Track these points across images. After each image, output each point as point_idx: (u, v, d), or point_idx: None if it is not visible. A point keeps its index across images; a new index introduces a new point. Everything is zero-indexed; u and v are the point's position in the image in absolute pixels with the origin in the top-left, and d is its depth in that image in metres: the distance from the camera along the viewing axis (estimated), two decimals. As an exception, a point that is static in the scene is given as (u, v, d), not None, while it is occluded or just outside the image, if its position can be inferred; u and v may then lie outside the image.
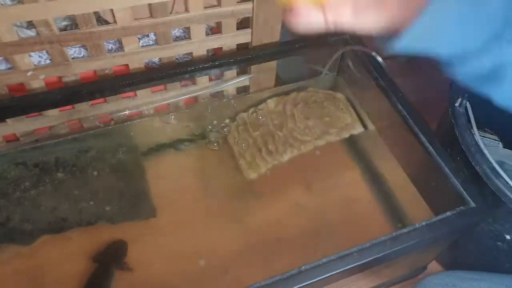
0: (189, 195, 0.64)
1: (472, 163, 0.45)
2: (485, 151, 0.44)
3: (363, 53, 0.64)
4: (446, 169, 0.49)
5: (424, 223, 0.45)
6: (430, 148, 0.52)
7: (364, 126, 0.70)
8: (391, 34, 0.29)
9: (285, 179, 0.66)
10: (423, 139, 0.53)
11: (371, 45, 0.65)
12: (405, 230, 0.44)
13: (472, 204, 0.46)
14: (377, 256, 0.44)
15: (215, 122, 0.69)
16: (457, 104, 0.48)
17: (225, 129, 0.69)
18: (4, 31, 0.47)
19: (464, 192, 0.46)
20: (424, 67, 0.92)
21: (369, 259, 0.43)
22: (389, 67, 0.64)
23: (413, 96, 0.81)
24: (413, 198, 0.61)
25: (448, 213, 0.45)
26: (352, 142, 0.69)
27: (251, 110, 0.71)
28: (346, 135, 0.69)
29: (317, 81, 0.74)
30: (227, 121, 0.69)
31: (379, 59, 0.63)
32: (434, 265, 0.68)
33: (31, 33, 0.50)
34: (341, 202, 0.64)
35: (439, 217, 0.45)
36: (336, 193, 0.65)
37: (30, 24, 0.50)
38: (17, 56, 0.51)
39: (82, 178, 0.61)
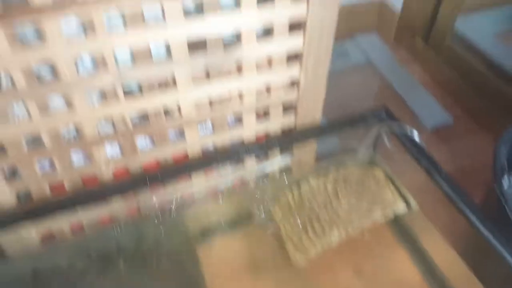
0: (240, 281, 0.64)
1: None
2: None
3: (399, 129, 0.69)
4: (501, 249, 0.50)
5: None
6: (480, 226, 0.53)
7: (406, 202, 0.72)
8: None
9: (333, 262, 0.66)
10: (471, 216, 0.54)
11: (406, 121, 0.70)
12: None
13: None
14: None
15: (261, 203, 0.72)
16: (505, 186, 0.51)
17: (270, 211, 0.71)
18: (89, 128, 0.54)
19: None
20: (455, 137, 0.96)
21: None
22: (422, 138, 0.68)
23: (449, 166, 0.85)
24: (466, 278, 0.60)
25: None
26: (396, 221, 0.70)
27: (294, 189, 0.74)
28: (390, 213, 0.70)
29: (355, 157, 0.78)
30: (272, 201, 0.72)
31: (416, 137, 0.68)
32: None
33: (109, 128, 0.57)
34: (392, 285, 0.63)
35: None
36: (386, 276, 0.64)
37: (108, 120, 0.56)
38: (95, 150, 0.57)
39: (142, 265, 0.63)
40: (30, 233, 0.61)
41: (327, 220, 0.69)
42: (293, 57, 0.60)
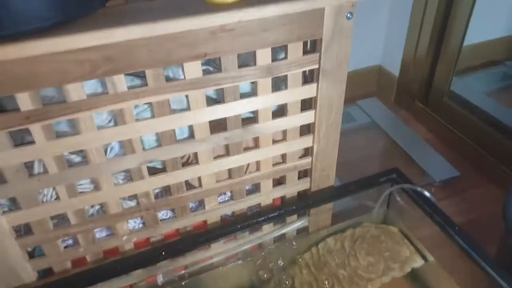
0: None
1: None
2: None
3: (410, 189, 0.71)
4: None
5: None
6: (497, 278, 0.54)
7: (424, 257, 0.73)
8: None
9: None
10: (490, 271, 0.55)
11: (415, 176, 0.72)
12: None
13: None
14: None
15: (280, 265, 0.73)
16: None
17: (290, 272, 0.72)
18: (113, 204, 0.55)
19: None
20: (463, 189, 0.98)
21: None
22: (432, 193, 0.70)
23: (460, 218, 0.86)
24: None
25: None
26: (414, 275, 0.71)
27: (312, 250, 0.75)
28: (408, 268, 0.71)
29: (370, 216, 0.79)
30: (291, 263, 0.73)
31: (427, 193, 0.69)
32: None
33: (132, 203, 0.58)
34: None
35: None
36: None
37: (132, 196, 0.58)
38: (118, 224, 0.58)
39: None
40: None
41: (347, 279, 0.70)
42: (306, 128, 0.62)
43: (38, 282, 0.59)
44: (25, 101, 0.43)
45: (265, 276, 0.72)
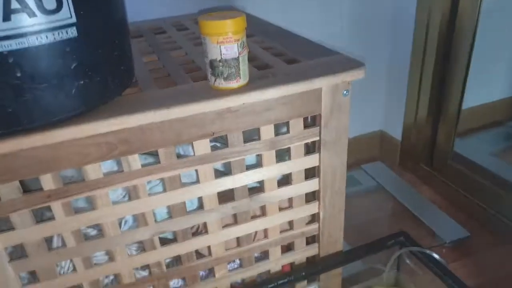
0: None
1: None
2: None
3: (419, 251, 0.71)
4: None
5: None
6: None
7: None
8: None
9: None
10: None
11: (424, 238, 0.73)
12: None
13: None
14: None
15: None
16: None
17: None
18: (126, 274, 0.57)
19: None
20: (474, 250, 0.97)
21: None
22: (443, 254, 0.70)
23: (472, 280, 0.85)
24: None
25: None
26: None
27: (324, 316, 0.74)
28: (422, 333, 0.70)
29: (381, 279, 0.79)
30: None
31: (435, 255, 0.70)
32: None
33: (145, 273, 0.60)
34: None
35: None
36: None
37: (144, 266, 0.60)
38: (130, 295, 0.60)
39: None
40: None
41: None
42: (311, 195, 0.65)
43: None
44: (47, 181, 0.47)
45: None
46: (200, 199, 0.57)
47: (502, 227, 0.99)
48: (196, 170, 0.53)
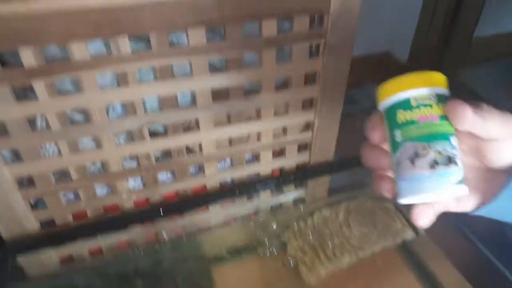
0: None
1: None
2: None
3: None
4: (507, 274, 0.52)
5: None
6: (484, 249, 0.55)
7: (415, 231, 0.74)
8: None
9: (344, 284, 0.69)
10: (478, 243, 0.56)
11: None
12: None
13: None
14: None
15: (275, 231, 0.75)
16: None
17: (284, 238, 0.74)
18: (114, 163, 0.57)
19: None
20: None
21: None
22: None
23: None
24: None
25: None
26: (405, 247, 0.73)
27: (307, 219, 0.77)
28: (399, 240, 0.73)
29: (367, 191, 0.80)
30: (286, 230, 0.75)
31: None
32: None
33: (133, 163, 0.60)
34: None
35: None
36: (394, 299, 0.67)
37: (133, 156, 0.59)
38: (118, 183, 0.60)
39: (159, 287, 0.66)
40: (51, 256, 0.65)
41: (338, 246, 0.72)
42: (308, 102, 0.62)
43: (40, 231, 0.62)
44: (28, 56, 0.43)
45: (260, 240, 0.74)
46: (193, 95, 0.54)
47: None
48: (190, 63, 0.50)
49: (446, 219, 0.63)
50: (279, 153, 0.71)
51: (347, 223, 0.76)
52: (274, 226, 0.75)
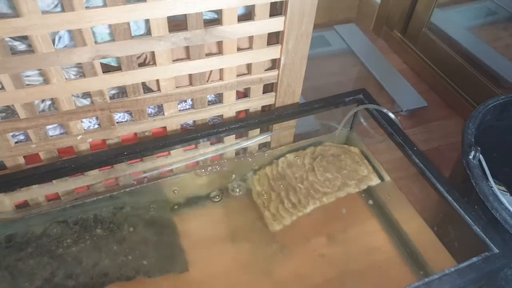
0: (218, 248, 0.67)
1: (492, 211, 0.50)
2: (503, 199, 0.49)
3: (376, 110, 0.70)
4: (466, 217, 0.53)
5: (453, 269, 0.48)
6: (449, 198, 0.56)
7: (381, 177, 0.75)
8: None
9: (308, 230, 0.69)
10: (441, 189, 0.57)
11: (383, 104, 0.72)
12: (436, 276, 0.48)
13: (496, 250, 0.50)
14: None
15: (239, 177, 0.74)
16: (471, 157, 0.54)
17: (249, 183, 0.73)
18: (65, 101, 0.53)
19: (487, 239, 0.50)
20: (429, 119, 0.99)
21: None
22: (399, 122, 0.70)
23: (423, 146, 0.88)
24: (433, 245, 0.65)
25: (475, 259, 0.49)
26: (370, 193, 0.74)
27: (272, 164, 0.76)
28: (364, 186, 0.73)
29: (333, 136, 0.80)
30: (250, 175, 0.74)
31: (391, 115, 0.69)
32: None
33: (86, 102, 0.56)
34: (363, 251, 0.67)
35: (467, 263, 0.49)
36: (357, 242, 0.69)
37: (86, 94, 0.56)
38: (71, 123, 0.56)
39: (119, 234, 0.64)
40: (3, 201, 0.61)
41: (303, 192, 0.72)
42: (274, 38, 0.59)
43: (-11, 176, 0.58)
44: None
45: (223, 185, 0.73)
46: (147, 24, 0.50)
47: (459, 102, 1.00)
48: (143, -15, 0.46)
49: (412, 167, 0.64)
50: (244, 94, 0.68)
51: (312, 168, 0.75)
52: (238, 172, 0.74)
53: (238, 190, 0.73)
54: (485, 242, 0.50)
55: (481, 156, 0.54)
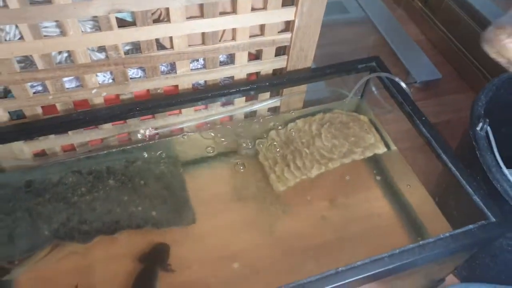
0: (225, 205, 0.69)
1: (493, 182, 0.51)
2: (506, 171, 0.50)
3: (388, 79, 0.70)
4: (468, 187, 0.54)
5: (448, 234, 0.50)
6: (452, 168, 0.57)
7: (387, 146, 0.76)
8: None
9: (312, 193, 0.71)
10: (445, 159, 0.58)
11: (396, 74, 0.72)
12: (431, 239, 0.50)
13: (493, 219, 0.51)
14: (405, 262, 0.49)
15: (248, 139, 0.75)
16: (478, 128, 0.54)
17: (256, 146, 0.75)
18: (80, 53, 0.55)
19: (485, 208, 0.52)
20: (442, 93, 0.98)
21: (397, 264, 0.49)
22: (411, 93, 0.70)
23: (433, 119, 0.88)
24: (433, 213, 0.66)
25: (471, 226, 0.51)
26: (375, 161, 0.75)
27: (280, 128, 0.77)
28: (370, 154, 0.75)
29: (342, 104, 0.80)
30: (259, 138, 0.75)
31: (403, 85, 0.69)
32: (451, 278, 0.72)
33: (101, 56, 0.57)
34: (364, 216, 0.69)
35: (463, 229, 0.50)
36: (359, 208, 0.70)
37: (101, 48, 0.57)
38: (86, 76, 0.58)
39: (131, 185, 0.67)
40: (22, 149, 0.64)
41: (309, 157, 0.73)
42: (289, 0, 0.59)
43: (10, 123, 0.61)
44: None
45: (232, 147, 0.75)
46: (163, -20, 0.51)
47: (475, 76, 0.99)
48: None
49: (419, 138, 0.65)
50: (255, 57, 0.69)
51: (320, 134, 0.76)
52: (247, 134, 0.75)
53: (246, 151, 0.74)
54: (483, 211, 0.52)
55: (488, 128, 0.54)
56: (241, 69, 0.66)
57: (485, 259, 0.62)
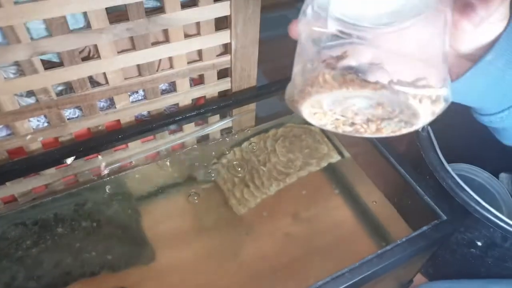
0: (185, 237, 0.67)
1: (439, 180, 0.52)
2: (449, 168, 0.51)
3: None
4: (418, 188, 0.55)
5: (404, 239, 0.50)
6: (402, 170, 0.58)
7: (340, 154, 0.76)
8: None
9: (273, 211, 0.70)
10: (394, 162, 0.59)
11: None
12: (388, 247, 0.50)
13: (444, 217, 0.52)
14: (366, 274, 0.48)
15: (203, 164, 0.73)
16: (420, 130, 0.55)
17: (213, 170, 0.73)
18: (7, 101, 0.51)
19: (436, 207, 0.52)
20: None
21: (359, 277, 0.48)
22: None
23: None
24: (392, 216, 0.67)
25: (424, 228, 0.51)
26: (332, 170, 0.75)
27: (235, 149, 0.76)
28: (324, 164, 0.74)
29: (293, 117, 0.80)
30: (214, 162, 0.74)
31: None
32: (419, 278, 0.73)
33: (31, 100, 0.54)
34: (327, 227, 0.69)
35: (417, 232, 0.50)
36: (321, 219, 0.70)
37: (30, 93, 0.54)
38: (17, 123, 0.54)
39: (82, 230, 0.63)
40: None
41: (266, 174, 0.72)
42: (223, 23, 0.58)
43: None
44: None
45: (187, 174, 0.72)
46: (86, 17, 0.49)
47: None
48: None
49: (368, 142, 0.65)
50: (200, 81, 0.67)
51: (274, 150, 0.76)
52: (202, 159, 0.73)
53: (202, 178, 0.72)
54: (435, 211, 0.53)
55: (429, 128, 0.56)
56: (184, 96, 0.65)
57: (445, 256, 0.62)
